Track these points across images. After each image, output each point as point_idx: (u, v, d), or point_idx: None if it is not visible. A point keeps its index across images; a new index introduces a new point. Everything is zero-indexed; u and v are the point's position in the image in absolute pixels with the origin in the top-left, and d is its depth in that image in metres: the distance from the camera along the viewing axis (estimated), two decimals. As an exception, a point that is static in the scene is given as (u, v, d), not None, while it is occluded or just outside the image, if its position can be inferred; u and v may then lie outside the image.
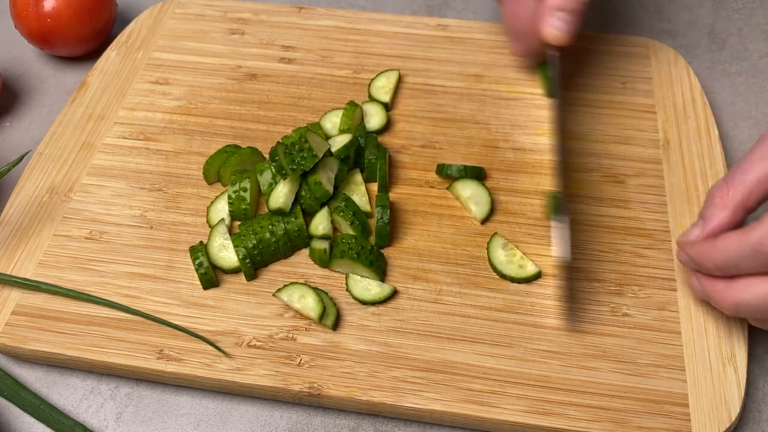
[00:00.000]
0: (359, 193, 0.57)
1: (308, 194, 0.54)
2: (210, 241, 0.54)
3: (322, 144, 0.54)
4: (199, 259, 0.52)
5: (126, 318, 0.51)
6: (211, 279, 0.52)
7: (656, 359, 0.49)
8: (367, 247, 0.52)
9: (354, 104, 0.61)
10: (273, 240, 0.53)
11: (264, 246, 0.52)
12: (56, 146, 0.61)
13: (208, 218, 0.56)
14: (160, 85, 0.66)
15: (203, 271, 0.52)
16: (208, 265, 0.52)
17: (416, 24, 0.70)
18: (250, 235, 0.53)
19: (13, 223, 0.56)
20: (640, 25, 0.74)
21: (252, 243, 0.52)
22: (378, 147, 0.58)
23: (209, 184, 0.58)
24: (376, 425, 0.49)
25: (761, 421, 0.49)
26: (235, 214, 0.55)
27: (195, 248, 0.53)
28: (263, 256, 0.53)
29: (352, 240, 0.52)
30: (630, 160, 0.59)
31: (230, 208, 0.55)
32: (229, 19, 0.71)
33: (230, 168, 0.57)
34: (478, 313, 0.51)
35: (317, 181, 0.53)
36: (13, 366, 0.52)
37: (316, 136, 0.54)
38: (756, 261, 0.43)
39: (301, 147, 0.53)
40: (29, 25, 0.67)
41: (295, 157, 0.53)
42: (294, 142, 0.54)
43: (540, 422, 0.46)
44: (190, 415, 0.50)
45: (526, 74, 0.65)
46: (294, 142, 0.54)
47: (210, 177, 0.58)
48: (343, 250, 0.52)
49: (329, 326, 0.50)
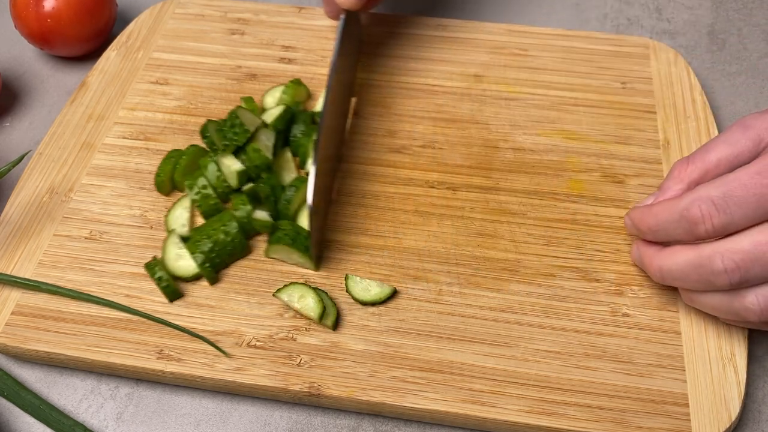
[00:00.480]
0: (289, 169, 0.57)
1: (248, 163, 0.55)
2: (165, 253, 0.53)
3: (254, 119, 0.56)
4: (158, 273, 0.51)
5: (126, 318, 0.51)
6: (175, 290, 0.51)
7: (656, 359, 0.49)
8: (303, 233, 0.52)
9: (298, 82, 0.62)
10: (229, 240, 0.52)
11: (220, 248, 0.52)
12: (56, 146, 0.61)
13: (167, 225, 0.55)
14: (160, 85, 0.66)
15: (165, 284, 0.51)
16: (169, 277, 0.51)
17: (416, 24, 0.70)
18: (204, 239, 0.52)
19: (13, 223, 0.56)
20: (640, 25, 0.74)
21: (208, 246, 0.52)
22: (309, 124, 0.59)
23: (166, 195, 0.58)
24: (376, 425, 0.49)
25: (761, 421, 0.49)
26: (208, 212, 0.55)
27: (150, 264, 0.52)
28: (221, 257, 0.53)
29: (288, 226, 0.53)
30: (630, 160, 0.59)
31: (200, 210, 0.55)
32: (229, 19, 0.71)
33: (181, 171, 0.57)
34: (478, 313, 0.51)
35: (256, 148, 0.54)
36: (13, 366, 0.52)
37: (246, 112, 0.56)
38: (681, 227, 0.45)
39: (233, 123, 0.54)
40: (29, 25, 0.67)
41: (227, 133, 0.54)
42: (225, 119, 0.55)
43: (540, 422, 0.46)
44: (190, 415, 0.50)
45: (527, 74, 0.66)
46: (225, 119, 0.55)
47: (165, 188, 0.57)
48: (278, 236, 0.52)
49: (329, 326, 0.50)
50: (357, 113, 0.63)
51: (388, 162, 0.60)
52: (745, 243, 0.42)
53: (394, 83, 0.65)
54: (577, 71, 0.66)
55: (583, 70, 0.66)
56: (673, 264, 0.46)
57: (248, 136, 0.54)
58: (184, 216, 0.55)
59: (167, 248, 0.53)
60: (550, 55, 0.67)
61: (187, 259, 0.52)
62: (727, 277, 0.43)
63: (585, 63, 0.66)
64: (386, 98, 0.64)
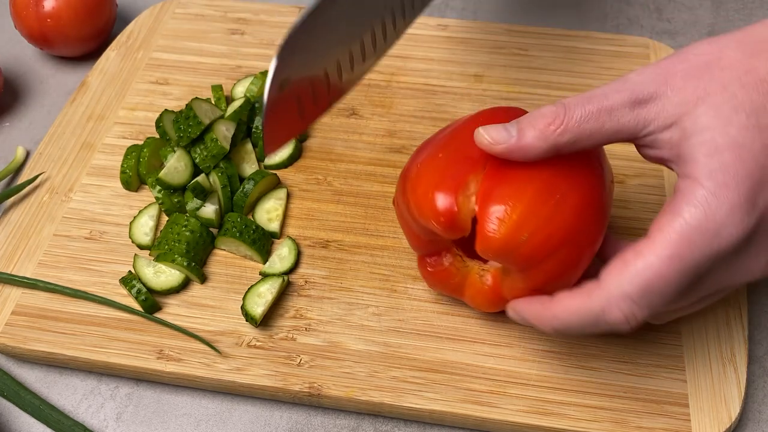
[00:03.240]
0: (249, 161, 0.57)
1: (204, 152, 0.55)
2: (141, 276, 0.52)
3: (211, 110, 0.56)
4: (136, 286, 0.51)
5: (126, 318, 0.51)
6: (154, 303, 0.51)
7: (656, 359, 0.49)
8: (251, 226, 0.53)
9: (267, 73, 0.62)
10: (198, 235, 0.53)
11: (195, 245, 0.53)
12: (56, 146, 0.61)
13: (132, 236, 0.55)
14: (160, 85, 0.66)
15: (143, 297, 0.51)
16: (146, 290, 0.51)
17: (416, 24, 0.70)
18: (174, 245, 0.52)
19: (13, 223, 0.56)
20: (640, 25, 0.74)
21: (183, 248, 0.52)
22: None
23: (135, 192, 0.58)
24: (376, 425, 0.49)
25: (761, 421, 0.49)
26: (171, 209, 0.55)
27: (126, 278, 0.51)
28: (198, 253, 0.53)
29: (237, 218, 0.53)
30: (630, 160, 0.59)
31: (164, 208, 0.55)
32: (229, 19, 0.71)
33: (146, 165, 0.57)
34: (478, 313, 0.51)
35: (213, 138, 0.54)
36: (13, 366, 0.52)
37: (204, 103, 0.56)
38: (597, 328, 0.39)
39: (187, 115, 0.54)
40: (29, 25, 0.67)
41: (182, 125, 0.54)
42: (181, 111, 0.56)
43: (540, 422, 0.46)
44: (190, 415, 0.50)
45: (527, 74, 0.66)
46: (181, 111, 0.56)
47: (132, 184, 0.57)
48: (227, 228, 0.53)
49: None
50: (357, 113, 0.63)
51: (388, 162, 0.60)
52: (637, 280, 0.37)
53: (394, 83, 0.65)
54: (577, 71, 0.66)
55: (584, 69, 0.66)
56: (567, 324, 0.40)
57: (202, 129, 0.55)
58: (148, 225, 0.55)
59: (141, 271, 0.52)
60: (550, 55, 0.67)
61: (167, 272, 0.52)
62: (629, 324, 0.38)
63: (585, 63, 0.66)
64: (386, 98, 0.64)
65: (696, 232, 0.36)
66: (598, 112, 0.39)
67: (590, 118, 0.39)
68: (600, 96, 0.40)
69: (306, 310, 0.51)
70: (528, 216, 0.40)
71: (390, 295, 0.52)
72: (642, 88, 0.39)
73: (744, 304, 0.51)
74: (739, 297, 0.51)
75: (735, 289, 0.51)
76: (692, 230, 0.36)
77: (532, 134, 0.40)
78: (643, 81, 0.39)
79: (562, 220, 0.41)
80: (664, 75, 0.39)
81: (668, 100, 0.38)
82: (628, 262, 0.38)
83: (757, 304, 0.54)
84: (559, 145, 0.40)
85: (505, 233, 0.40)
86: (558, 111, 0.40)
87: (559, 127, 0.40)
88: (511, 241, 0.40)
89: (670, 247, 0.37)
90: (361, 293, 0.52)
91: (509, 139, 0.41)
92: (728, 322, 0.50)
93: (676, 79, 0.39)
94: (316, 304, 0.52)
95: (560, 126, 0.40)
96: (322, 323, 0.51)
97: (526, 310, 0.43)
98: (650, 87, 0.39)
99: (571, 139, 0.40)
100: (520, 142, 0.41)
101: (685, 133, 0.38)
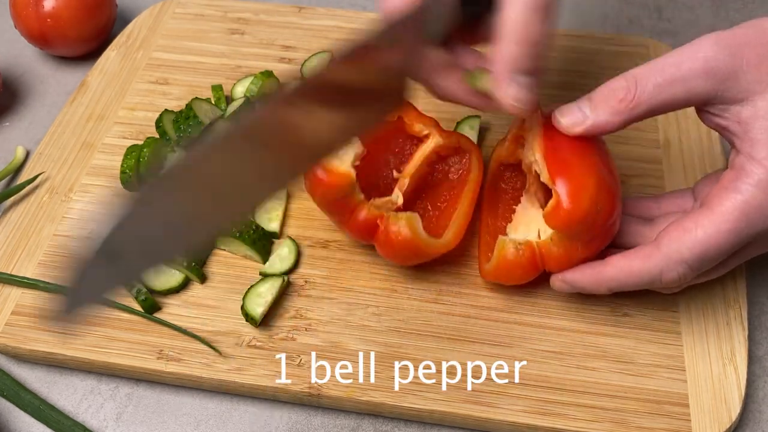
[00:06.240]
0: None
1: None
2: None
3: (211, 110, 0.56)
4: (135, 286, 0.51)
5: (126, 318, 0.51)
6: (154, 303, 0.51)
7: (656, 359, 0.49)
8: (251, 226, 0.53)
9: (269, 73, 0.62)
10: None
11: None
12: (56, 146, 0.61)
13: None
14: (160, 85, 0.66)
15: (143, 297, 0.51)
16: (146, 290, 0.51)
17: (416, 24, 0.70)
18: None
19: (13, 223, 0.56)
20: (640, 25, 0.74)
21: None
22: None
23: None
24: (376, 425, 0.49)
25: (761, 421, 0.49)
26: None
27: None
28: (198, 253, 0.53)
29: None
30: (630, 160, 0.59)
31: None
32: (229, 19, 0.71)
33: (146, 165, 0.56)
34: (479, 313, 0.51)
35: None
36: (13, 366, 0.52)
37: (204, 103, 0.56)
38: (651, 285, 0.45)
39: (187, 115, 0.54)
40: (29, 25, 0.67)
41: (182, 124, 0.54)
42: (181, 111, 0.55)
43: (540, 422, 0.46)
44: (190, 415, 0.50)
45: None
46: (181, 111, 0.55)
47: (132, 184, 0.57)
48: None
49: None
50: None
51: (388, 162, 0.60)
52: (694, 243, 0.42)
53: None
54: (578, 71, 0.66)
55: (584, 69, 0.66)
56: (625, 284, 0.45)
57: (203, 128, 0.55)
58: None
59: None
60: (551, 54, 0.67)
61: (167, 272, 0.52)
62: (680, 284, 0.44)
63: (585, 63, 0.66)
64: (386, 98, 0.64)
65: (755, 211, 0.40)
66: (671, 83, 0.41)
67: (663, 90, 0.41)
68: (672, 65, 0.41)
69: (306, 310, 0.51)
70: (599, 190, 0.44)
71: (390, 295, 0.52)
72: (717, 59, 0.41)
73: (744, 304, 0.51)
74: (739, 297, 0.51)
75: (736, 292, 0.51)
76: (751, 209, 0.40)
77: (607, 111, 0.42)
78: (717, 52, 0.41)
79: (617, 191, 0.45)
80: (738, 48, 0.41)
81: (743, 75, 0.41)
82: (688, 230, 0.42)
83: (757, 304, 0.54)
84: (632, 118, 0.42)
85: (584, 207, 0.43)
86: (629, 85, 0.42)
87: (631, 101, 0.42)
88: (588, 214, 0.43)
89: (730, 222, 0.41)
90: (361, 293, 0.52)
91: (585, 119, 0.43)
92: (728, 322, 0.50)
93: (752, 55, 0.41)
94: (316, 304, 0.52)
95: (632, 100, 0.42)
96: (322, 323, 0.51)
97: (579, 279, 0.46)
98: (725, 59, 0.41)
99: (645, 111, 0.42)
100: (596, 121, 0.43)
101: (756, 112, 0.40)
